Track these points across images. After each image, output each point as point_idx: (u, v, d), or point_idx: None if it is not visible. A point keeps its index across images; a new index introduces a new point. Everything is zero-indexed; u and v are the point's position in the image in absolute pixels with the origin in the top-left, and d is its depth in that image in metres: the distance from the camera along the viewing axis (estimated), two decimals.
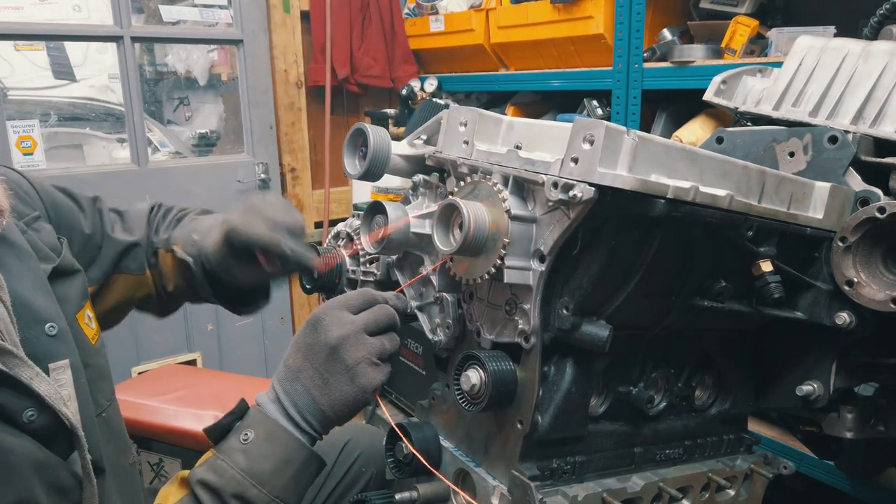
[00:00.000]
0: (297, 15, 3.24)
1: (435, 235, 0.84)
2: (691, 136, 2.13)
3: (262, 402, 0.90)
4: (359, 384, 0.86)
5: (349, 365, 0.86)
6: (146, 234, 1.27)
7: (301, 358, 0.88)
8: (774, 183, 0.90)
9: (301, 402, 0.87)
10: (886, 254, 0.91)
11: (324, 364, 0.87)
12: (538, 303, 0.81)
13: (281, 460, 0.86)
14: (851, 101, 1.12)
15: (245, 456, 0.85)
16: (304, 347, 0.88)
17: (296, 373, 0.88)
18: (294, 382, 0.88)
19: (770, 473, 1.03)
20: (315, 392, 0.87)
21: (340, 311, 0.89)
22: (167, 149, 3.79)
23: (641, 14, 2.24)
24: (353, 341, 0.87)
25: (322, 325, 0.88)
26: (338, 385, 0.86)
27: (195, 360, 3.08)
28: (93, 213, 1.21)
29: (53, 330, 0.94)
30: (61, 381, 0.93)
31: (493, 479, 0.88)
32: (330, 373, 0.86)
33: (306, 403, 0.87)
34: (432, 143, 1.02)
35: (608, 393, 0.92)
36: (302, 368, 0.88)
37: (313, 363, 0.87)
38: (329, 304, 0.90)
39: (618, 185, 0.71)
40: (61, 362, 0.93)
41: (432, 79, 3.16)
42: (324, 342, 0.87)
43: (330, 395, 0.86)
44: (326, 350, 0.86)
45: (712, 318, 0.94)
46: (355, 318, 0.89)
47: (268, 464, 0.85)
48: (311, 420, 0.88)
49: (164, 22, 3.03)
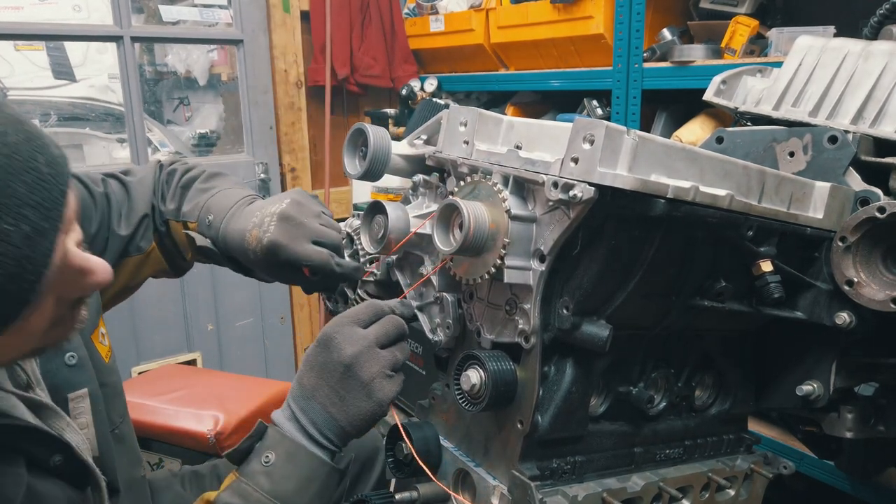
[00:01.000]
0: (297, 15, 3.24)
1: (435, 235, 0.84)
2: (691, 136, 2.13)
3: (280, 422, 0.90)
4: (376, 399, 0.87)
5: (365, 381, 0.86)
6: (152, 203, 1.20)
7: (315, 377, 0.88)
8: (774, 183, 0.90)
9: (319, 419, 0.88)
10: (886, 254, 0.91)
11: (339, 382, 0.87)
12: (538, 303, 0.81)
13: (303, 479, 0.86)
14: (851, 101, 1.12)
15: (268, 478, 0.86)
16: (317, 366, 0.88)
17: (311, 391, 0.88)
18: (310, 401, 0.88)
19: (770, 473, 1.03)
20: (332, 409, 0.87)
21: (351, 328, 0.89)
22: (167, 149, 3.79)
23: (641, 14, 2.24)
24: (366, 357, 0.87)
25: (334, 344, 0.87)
26: (354, 401, 0.87)
27: (195, 360, 3.08)
28: (102, 205, 1.15)
29: (73, 360, 0.96)
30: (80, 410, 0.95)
31: (493, 479, 0.88)
32: (346, 390, 0.87)
33: (324, 420, 0.87)
34: (432, 143, 1.02)
35: (608, 393, 0.92)
36: (317, 387, 0.88)
37: (328, 381, 0.87)
38: (339, 320, 0.90)
39: (618, 184, 0.71)
40: (80, 391, 0.95)
41: (432, 79, 3.16)
42: (337, 360, 0.87)
43: (347, 411, 0.87)
44: (341, 368, 0.86)
45: (712, 318, 0.94)
46: (366, 332, 0.89)
47: (291, 484, 0.86)
48: (330, 435, 0.88)
49: (164, 22, 3.03)
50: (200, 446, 1.94)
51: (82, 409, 0.95)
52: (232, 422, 2.01)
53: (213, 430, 1.97)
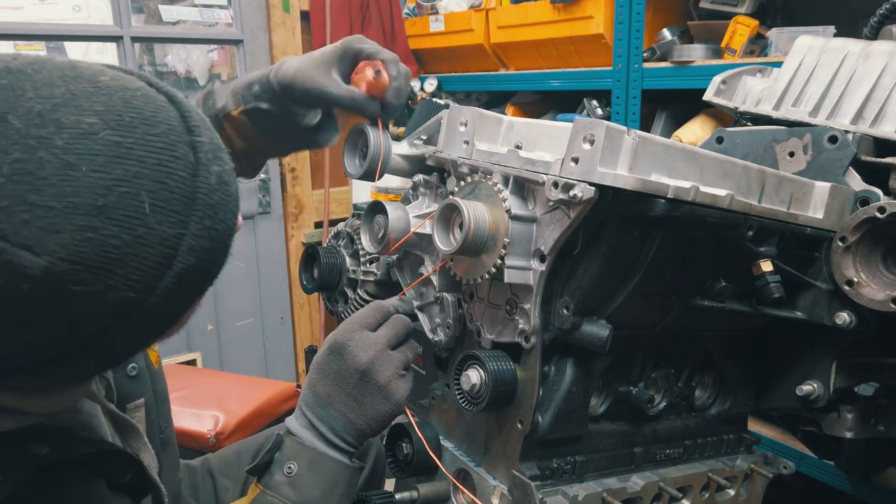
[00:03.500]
0: (296, 15, 3.24)
1: (435, 235, 0.84)
2: (691, 136, 2.13)
3: (297, 431, 0.90)
4: (393, 400, 0.88)
5: (382, 385, 0.87)
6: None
7: (330, 384, 0.88)
8: (774, 183, 0.90)
9: (338, 425, 0.88)
10: (886, 254, 0.91)
11: (356, 388, 0.87)
12: (538, 303, 0.81)
13: (328, 484, 0.87)
14: (851, 101, 1.12)
15: (293, 489, 0.86)
16: (332, 374, 0.88)
17: (327, 399, 0.88)
18: (327, 408, 0.88)
19: (770, 473, 1.04)
20: (351, 415, 0.88)
21: (362, 333, 0.89)
22: None
23: (641, 14, 2.24)
24: (381, 361, 0.87)
25: (348, 351, 0.88)
26: (373, 404, 0.87)
27: (195, 360, 3.07)
28: None
29: (134, 371, 0.97)
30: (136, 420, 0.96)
31: (494, 478, 0.88)
32: (363, 395, 0.87)
33: (343, 426, 0.88)
34: (432, 143, 1.02)
35: (608, 393, 0.92)
36: (333, 394, 0.88)
37: (345, 388, 0.88)
38: (348, 326, 0.90)
39: (618, 184, 0.71)
40: (138, 402, 0.96)
41: (432, 79, 3.16)
42: (353, 368, 0.87)
43: (366, 414, 0.87)
44: (357, 375, 0.87)
45: (712, 317, 0.94)
46: (377, 336, 0.89)
47: (317, 491, 0.86)
48: (349, 438, 0.89)
49: (164, 22, 3.03)
50: (200, 446, 1.94)
51: (138, 418, 0.96)
52: (232, 422, 2.01)
53: (213, 430, 1.97)
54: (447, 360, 1.03)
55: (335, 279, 1.18)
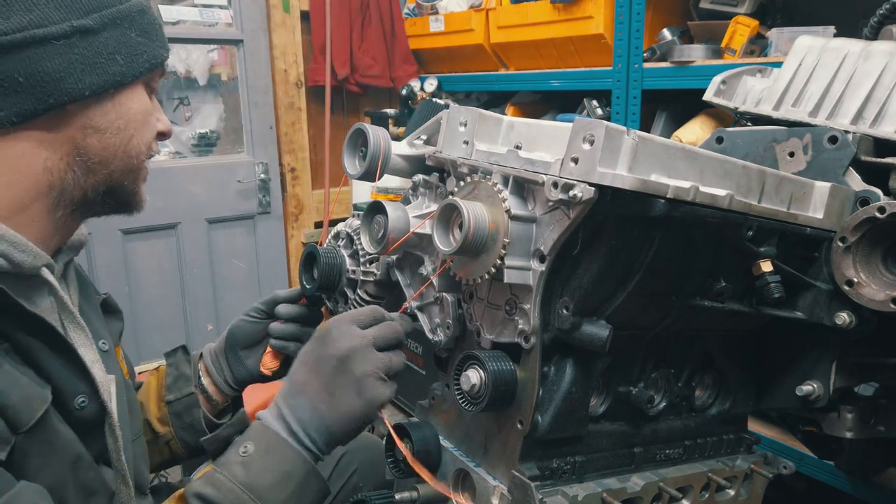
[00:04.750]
0: (296, 15, 3.24)
1: (435, 235, 0.84)
2: (691, 136, 2.14)
3: (263, 417, 0.89)
4: (366, 398, 0.85)
5: (357, 377, 0.85)
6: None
7: (307, 371, 0.87)
8: (774, 183, 0.90)
9: (305, 416, 0.86)
10: (886, 254, 0.91)
11: (331, 376, 0.86)
12: (538, 303, 0.81)
13: (281, 473, 0.84)
14: (851, 101, 1.12)
15: (244, 469, 0.83)
16: (310, 361, 0.88)
17: (301, 386, 0.87)
18: (298, 397, 0.87)
19: (770, 473, 1.03)
20: (321, 406, 0.85)
21: (350, 325, 0.88)
22: (167, 149, 3.79)
23: (641, 14, 2.24)
24: (361, 354, 0.86)
25: (330, 338, 0.87)
26: (344, 398, 0.85)
27: None
28: None
29: (105, 346, 0.96)
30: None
31: (493, 479, 0.88)
32: (336, 386, 0.85)
33: (310, 418, 0.86)
34: (432, 143, 1.01)
35: (608, 393, 0.92)
36: (307, 382, 0.87)
37: (319, 376, 0.86)
38: (338, 318, 0.90)
39: (618, 184, 0.71)
40: (110, 376, 0.94)
41: (432, 79, 3.16)
42: (331, 354, 0.86)
43: (336, 408, 0.85)
44: (334, 362, 0.86)
45: (712, 318, 0.94)
46: (364, 332, 0.88)
47: (267, 477, 0.83)
48: (315, 436, 0.86)
49: (164, 22, 3.02)
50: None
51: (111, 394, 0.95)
52: None
53: None
54: (447, 360, 1.03)
55: (335, 279, 1.18)
